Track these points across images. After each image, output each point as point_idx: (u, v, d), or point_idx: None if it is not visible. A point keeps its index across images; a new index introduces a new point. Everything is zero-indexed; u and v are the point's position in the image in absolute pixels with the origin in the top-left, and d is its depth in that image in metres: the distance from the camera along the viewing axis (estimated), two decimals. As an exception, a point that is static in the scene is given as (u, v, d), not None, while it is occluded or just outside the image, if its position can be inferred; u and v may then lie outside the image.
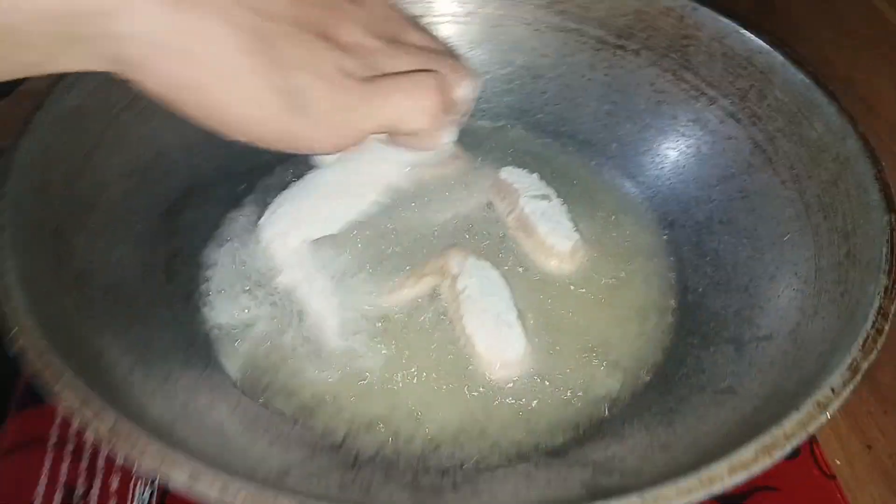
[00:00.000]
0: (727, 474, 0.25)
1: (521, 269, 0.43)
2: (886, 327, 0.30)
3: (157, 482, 0.42)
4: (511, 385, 0.38)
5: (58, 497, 0.40)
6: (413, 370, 0.38)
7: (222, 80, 0.28)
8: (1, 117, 0.62)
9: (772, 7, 0.76)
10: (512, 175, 0.46)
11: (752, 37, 0.44)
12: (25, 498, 0.40)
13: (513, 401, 0.37)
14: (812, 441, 0.45)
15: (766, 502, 0.41)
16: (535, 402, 0.37)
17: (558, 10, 0.50)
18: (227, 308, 0.41)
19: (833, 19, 0.68)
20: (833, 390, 0.27)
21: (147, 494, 0.41)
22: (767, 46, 0.43)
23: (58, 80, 0.39)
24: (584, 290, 0.42)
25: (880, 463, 0.52)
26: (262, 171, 0.48)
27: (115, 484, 0.42)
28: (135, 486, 0.42)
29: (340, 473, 0.33)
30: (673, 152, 0.47)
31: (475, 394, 0.37)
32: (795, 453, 0.44)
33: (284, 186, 0.47)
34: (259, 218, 0.45)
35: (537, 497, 0.31)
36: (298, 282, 0.41)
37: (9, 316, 0.29)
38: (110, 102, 0.42)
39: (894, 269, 0.32)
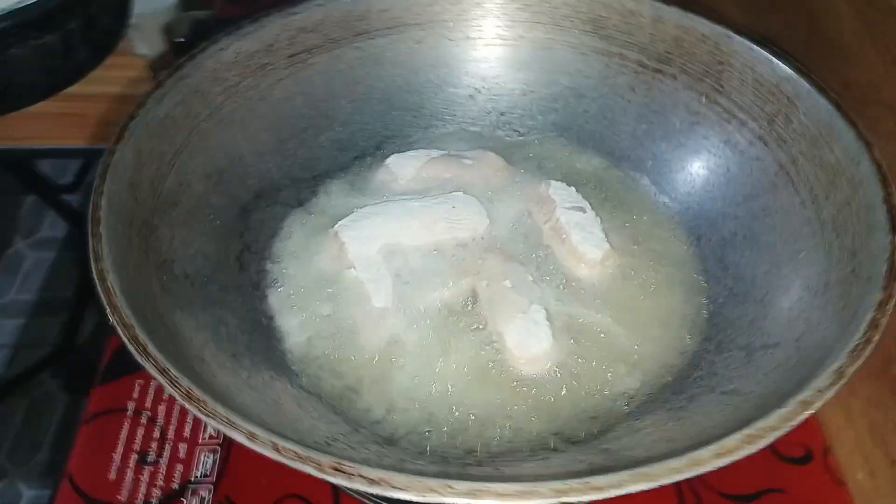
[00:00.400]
0: (713, 458, 0.28)
1: (553, 274, 0.46)
2: (876, 337, 0.32)
3: (219, 452, 0.47)
4: (536, 378, 0.41)
5: (132, 460, 0.46)
6: (448, 360, 0.42)
7: None
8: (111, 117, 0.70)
9: (824, 35, 0.78)
10: (551, 187, 0.50)
11: (781, 64, 0.47)
12: (105, 459, 0.46)
13: (537, 392, 0.41)
14: (825, 448, 0.47)
15: None
16: (557, 394, 0.41)
17: (602, 35, 0.54)
18: (289, 297, 0.46)
19: (882, 47, 0.69)
20: (819, 391, 0.30)
21: (210, 462, 0.47)
22: (795, 74, 0.46)
23: (149, 94, 0.45)
24: (610, 297, 0.45)
25: (904, 479, 0.53)
26: (324, 178, 0.53)
27: (182, 452, 0.47)
28: (199, 454, 0.47)
29: (378, 447, 0.37)
30: (704, 171, 0.50)
31: (503, 384, 0.41)
32: (807, 459, 0.46)
33: (345, 192, 0.52)
34: (321, 220, 0.50)
35: (551, 475, 0.35)
36: (365, 279, 0.45)
37: (104, 295, 0.34)
38: (194, 113, 0.47)
39: (890, 286, 0.34)
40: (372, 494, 0.42)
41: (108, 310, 0.33)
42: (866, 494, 0.53)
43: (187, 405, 0.30)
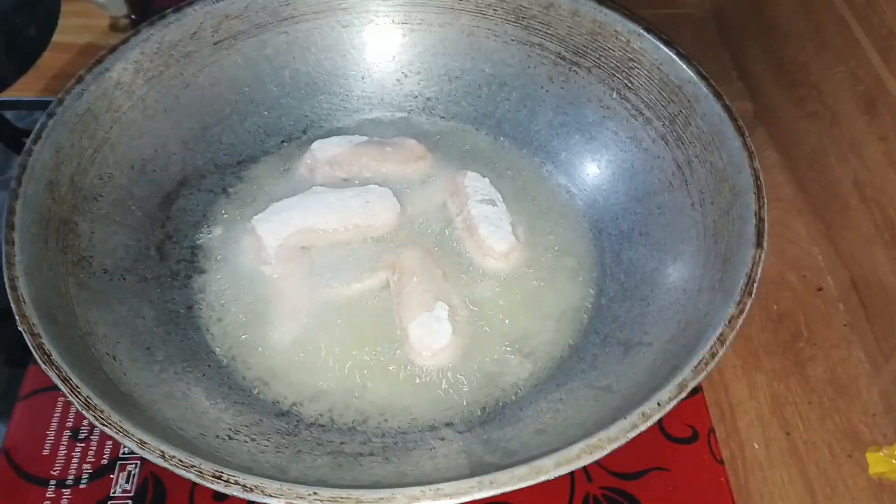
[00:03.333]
0: (553, 467, 0.32)
1: (461, 267, 0.49)
2: (721, 352, 0.35)
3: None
4: (435, 371, 0.45)
5: (65, 436, 0.49)
6: (355, 354, 0.45)
7: None
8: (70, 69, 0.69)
9: (765, 10, 0.79)
10: (466, 178, 0.52)
11: (685, 67, 0.48)
12: (39, 436, 0.49)
13: (435, 384, 0.44)
14: (710, 429, 0.51)
15: (659, 481, 0.48)
16: (453, 386, 0.44)
17: (524, 25, 0.55)
18: (208, 287, 0.48)
19: (813, 28, 0.71)
20: (659, 404, 0.34)
21: (139, 436, 0.50)
22: (696, 78, 0.48)
23: (67, 90, 0.46)
24: (513, 289, 0.48)
25: (795, 449, 0.58)
26: (249, 163, 0.55)
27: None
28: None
29: (280, 437, 0.40)
30: (611, 165, 0.52)
31: (404, 376, 0.44)
32: (692, 439, 0.50)
33: (269, 177, 0.54)
34: (244, 207, 0.52)
35: (431, 468, 0.38)
36: (281, 273, 0.48)
37: (14, 303, 0.36)
38: (115, 105, 0.49)
39: (743, 300, 0.37)
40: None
41: (18, 318, 0.36)
42: (760, 463, 0.57)
43: (85, 413, 0.33)
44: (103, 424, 0.33)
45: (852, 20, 0.64)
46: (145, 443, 0.32)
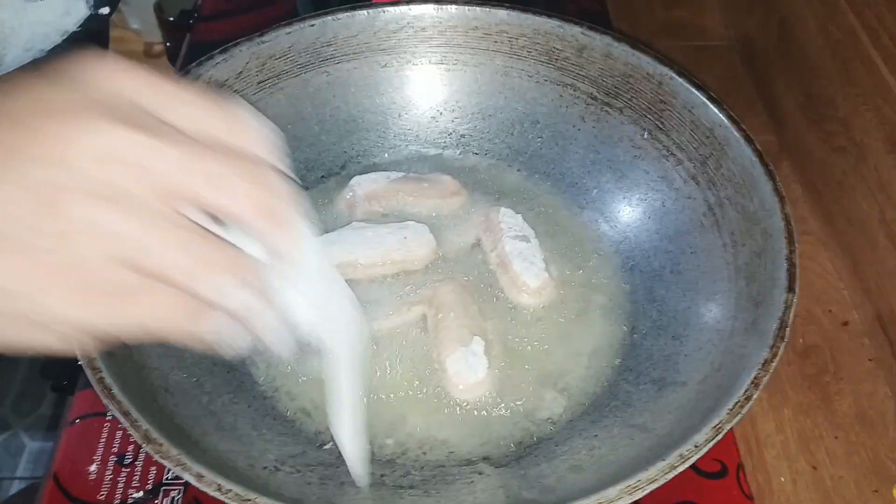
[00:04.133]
0: (594, 507, 0.33)
1: (495, 302, 0.50)
2: (755, 394, 0.36)
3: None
4: (472, 404, 0.46)
5: (111, 462, 0.51)
6: (394, 386, 0.47)
7: None
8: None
9: (793, 43, 0.80)
10: (500, 214, 0.54)
11: (716, 110, 0.50)
12: (87, 461, 0.51)
13: (472, 418, 0.45)
14: (738, 464, 0.51)
15: (688, 516, 0.49)
16: (489, 420, 0.45)
17: (557, 66, 0.57)
18: (250, 320, 0.50)
19: (840, 64, 0.72)
20: (696, 446, 0.35)
21: (182, 463, 0.51)
22: (727, 121, 0.49)
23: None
24: (546, 324, 0.50)
25: (822, 483, 0.58)
26: (291, 198, 0.57)
27: (158, 452, 0.52)
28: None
29: (323, 469, 0.42)
30: (642, 203, 0.54)
31: (442, 409, 0.46)
32: (721, 474, 0.51)
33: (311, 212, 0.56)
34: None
35: (471, 503, 0.40)
36: None
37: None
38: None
39: (777, 345, 0.38)
40: None
41: (77, 351, 0.38)
42: (787, 497, 0.58)
43: (145, 447, 0.35)
44: (162, 458, 0.34)
45: (879, 59, 0.65)
46: (203, 476, 0.34)
